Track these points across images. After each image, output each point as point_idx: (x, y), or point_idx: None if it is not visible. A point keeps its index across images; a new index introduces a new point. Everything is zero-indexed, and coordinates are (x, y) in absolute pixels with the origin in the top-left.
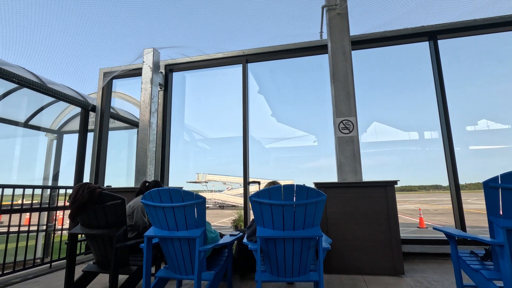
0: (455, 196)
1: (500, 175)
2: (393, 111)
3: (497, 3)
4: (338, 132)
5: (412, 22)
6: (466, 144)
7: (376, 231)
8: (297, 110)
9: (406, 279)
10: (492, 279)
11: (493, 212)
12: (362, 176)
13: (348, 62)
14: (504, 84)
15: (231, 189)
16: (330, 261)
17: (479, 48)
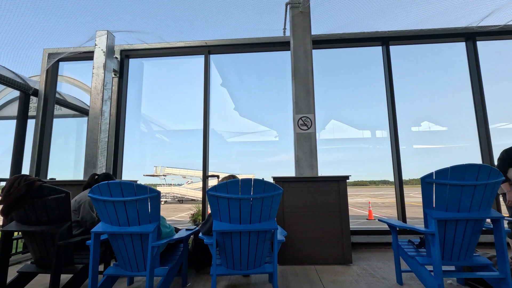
0: (399, 191)
1: (435, 172)
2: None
3: (441, 16)
4: (297, 128)
5: (368, 27)
6: (411, 143)
7: (329, 223)
8: (260, 105)
9: (353, 267)
10: (425, 264)
11: (427, 204)
12: (318, 171)
13: (309, 60)
14: (444, 91)
15: (191, 183)
16: (285, 253)
17: (424, 56)
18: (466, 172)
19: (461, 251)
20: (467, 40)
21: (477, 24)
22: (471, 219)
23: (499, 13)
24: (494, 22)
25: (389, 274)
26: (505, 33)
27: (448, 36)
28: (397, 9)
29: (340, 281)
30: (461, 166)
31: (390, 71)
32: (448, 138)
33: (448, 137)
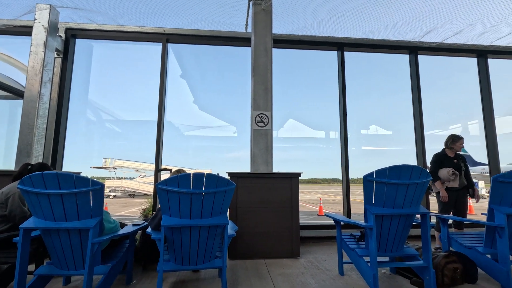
0: (345, 188)
1: (375, 171)
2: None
3: (390, 29)
4: (254, 125)
5: (326, 32)
6: (360, 145)
7: (280, 218)
8: (221, 100)
9: (301, 260)
10: (363, 256)
11: (368, 201)
12: (272, 167)
13: (269, 58)
14: (391, 98)
15: (144, 176)
16: (237, 247)
17: (376, 64)
18: (401, 172)
19: (394, 243)
20: (411, 53)
21: (419, 39)
22: (403, 215)
23: (436, 31)
24: (433, 39)
25: (333, 266)
26: (442, 50)
27: (395, 48)
28: (352, 18)
29: (287, 274)
30: (397, 167)
31: (343, 76)
32: (393, 141)
33: (392, 140)
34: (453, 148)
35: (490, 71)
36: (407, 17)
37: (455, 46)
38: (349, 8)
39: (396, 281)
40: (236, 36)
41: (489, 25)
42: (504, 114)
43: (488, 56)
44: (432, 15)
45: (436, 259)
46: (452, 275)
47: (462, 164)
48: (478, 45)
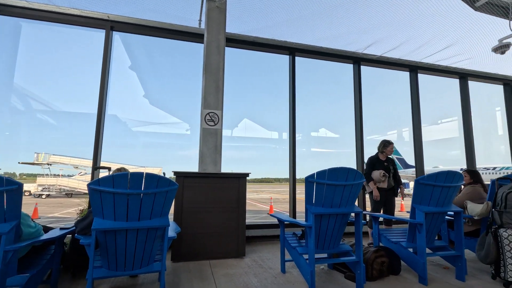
0: (292, 188)
1: (316, 172)
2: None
3: (338, 38)
4: (204, 123)
5: (279, 35)
6: (310, 146)
7: (227, 218)
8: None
9: (245, 259)
10: (303, 254)
11: (309, 201)
12: (221, 167)
13: (221, 56)
14: (339, 103)
15: (84, 174)
16: (180, 249)
17: (327, 71)
18: (339, 174)
19: (331, 241)
20: (355, 63)
21: (362, 51)
22: (340, 214)
23: (377, 45)
24: (374, 52)
25: (276, 264)
26: (381, 62)
27: (342, 57)
28: (304, 24)
29: (231, 274)
30: (336, 169)
31: (293, 80)
32: (339, 144)
33: (339, 143)
34: (384, 152)
35: (419, 84)
36: (353, 29)
37: (392, 60)
38: (300, 15)
39: (332, 276)
40: (189, 31)
41: (420, 44)
42: (430, 123)
43: (418, 71)
44: (374, 30)
45: (367, 254)
46: (380, 268)
47: (391, 167)
48: (410, 61)
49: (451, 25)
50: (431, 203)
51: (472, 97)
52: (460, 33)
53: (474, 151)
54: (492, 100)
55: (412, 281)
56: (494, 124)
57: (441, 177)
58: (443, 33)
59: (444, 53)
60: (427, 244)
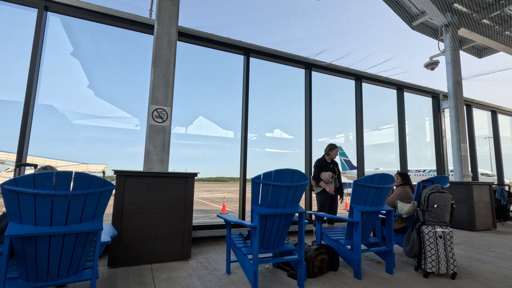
0: (242, 188)
1: (263, 174)
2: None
3: (292, 43)
4: (151, 120)
5: (234, 34)
6: (264, 147)
7: (172, 220)
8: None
9: (191, 262)
10: (248, 254)
11: (254, 201)
12: (168, 166)
13: (173, 50)
14: (294, 106)
15: (11, 170)
16: (118, 254)
17: (282, 74)
18: (284, 176)
19: (275, 241)
20: (306, 68)
21: (313, 57)
22: (285, 214)
23: (327, 52)
24: (324, 59)
25: (222, 265)
26: (331, 70)
27: (295, 62)
28: (259, 26)
29: (174, 278)
30: (281, 170)
31: (247, 80)
32: (293, 145)
33: (293, 144)
34: (330, 155)
35: (364, 93)
36: (305, 36)
37: (340, 68)
38: (257, 16)
39: (276, 275)
40: (138, 20)
41: (364, 55)
42: (373, 129)
43: (363, 80)
44: (325, 38)
45: (309, 252)
46: (320, 265)
47: (336, 169)
48: (356, 70)
49: (391, 40)
50: (367, 203)
51: (407, 107)
52: (398, 48)
53: (407, 155)
54: (423, 110)
55: (348, 276)
56: (424, 132)
57: (375, 179)
58: (384, 47)
59: (385, 66)
60: (363, 241)
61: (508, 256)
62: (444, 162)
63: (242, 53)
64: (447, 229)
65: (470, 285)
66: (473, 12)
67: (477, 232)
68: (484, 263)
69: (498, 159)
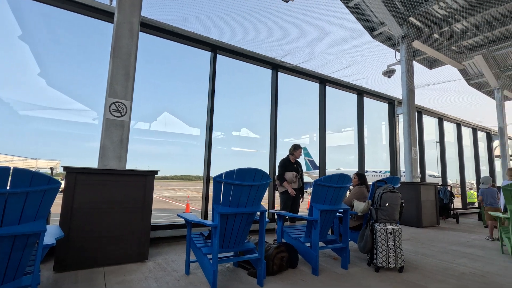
0: (205, 186)
1: (225, 172)
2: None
3: (259, 42)
4: (108, 114)
5: (202, 30)
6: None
7: (129, 220)
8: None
9: (148, 263)
10: (208, 254)
11: (216, 201)
12: (126, 163)
13: (134, 41)
14: (261, 107)
15: None
16: (66, 257)
17: (250, 73)
18: (246, 175)
19: (236, 240)
20: (273, 69)
21: (280, 58)
22: (246, 213)
23: (293, 55)
24: (290, 61)
25: (181, 266)
26: (297, 72)
27: (262, 62)
28: (228, 23)
29: (128, 281)
30: (243, 169)
31: (214, 77)
32: (260, 144)
33: (260, 143)
34: (294, 155)
35: (328, 95)
36: (273, 36)
37: (306, 71)
38: (226, 12)
39: (236, 274)
40: (96, 6)
41: (328, 60)
42: (336, 131)
43: (326, 84)
44: (292, 40)
45: (270, 251)
46: (280, 263)
47: (299, 169)
48: (320, 74)
49: (353, 47)
50: (326, 201)
51: (366, 111)
52: (359, 55)
53: (364, 156)
54: (380, 115)
55: (306, 272)
56: (380, 135)
57: (334, 179)
58: (347, 53)
59: (347, 71)
60: (321, 239)
61: (448, 250)
62: (397, 164)
63: (209, 49)
64: (397, 226)
65: (414, 277)
66: (426, 26)
67: (423, 228)
68: (428, 256)
69: (443, 162)
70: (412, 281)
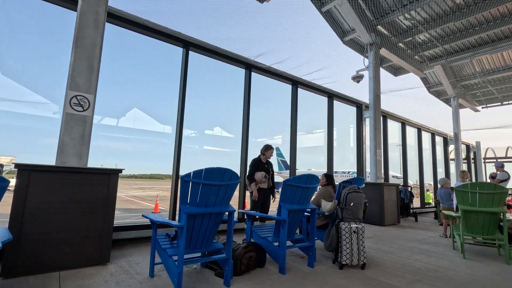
0: (174, 186)
1: (193, 172)
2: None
3: (232, 41)
4: (69, 107)
5: (173, 25)
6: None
7: (90, 220)
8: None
9: (109, 266)
10: (173, 255)
11: (183, 200)
12: (87, 161)
13: (99, 32)
14: (236, 106)
15: None
16: (17, 261)
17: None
18: (215, 174)
19: (204, 240)
20: (247, 68)
21: (253, 59)
22: (214, 213)
23: (266, 55)
24: (263, 61)
25: (145, 269)
26: (270, 72)
27: (235, 61)
28: (202, 20)
29: (86, 285)
30: (212, 169)
31: (186, 74)
32: (233, 144)
33: (233, 143)
34: (265, 155)
35: (301, 97)
36: (247, 36)
37: (279, 72)
38: (197, 8)
39: (203, 275)
40: None
41: (300, 62)
42: (307, 132)
43: (299, 86)
44: (265, 41)
45: (238, 250)
46: (247, 263)
47: (270, 169)
48: (293, 76)
49: (325, 51)
50: (294, 201)
51: (337, 114)
52: (329, 59)
53: (333, 158)
54: (349, 118)
55: (274, 271)
56: (349, 137)
57: (302, 179)
58: (318, 56)
59: (318, 74)
60: (289, 238)
61: (407, 247)
62: (363, 165)
63: (181, 45)
64: (360, 224)
65: (375, 273)
66: (392, 35)
67: (386, 226)
68: (389, 253)
69: (404, 164)
70: (373, 277)
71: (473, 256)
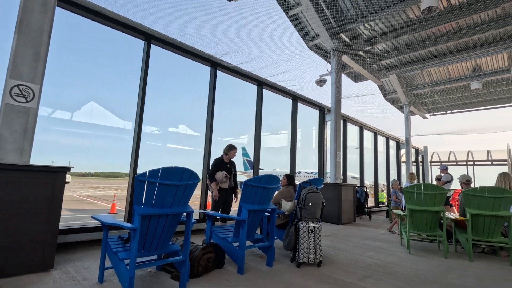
0: (131, 185)
1: (148, 171)
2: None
3: (198, 38)
4: (9, 98)
5: (134, 16)
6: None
7: (31, 223)
8: None
9: (53, 272)
10: (124, 259)
11: (137, 201)
12: (30, 157)
13: (48, 17)
14: (203, 104)
15: None
16: None
17: (187, 70)
18: (173, 174)
19: (159, 242)
20: (212, 66)
21: (219, 57)
22: (171, 214)
23: (232, 55)
24: (229, 60)
25: (94, 274)
26: (236, 72)
27: (200, 58)
28: (163, 12)
29: None
30: (169, 168)
31: (147, 68)
32: (200, 142)
33: (199, 141)
34: (228, 155)
35: (267, 98)
36: (212, 34)
37: (245, 72)
38: (162, 1)
39: (158, 278)
40: None
41: (266, 63)
42: (273, 132)
43: (264, 87)
44: (231, 40)
45: (196, 251)
46: (205, 264)
47: (232, 169)
48: (258, 76)
49: (289, 54)
50: (255, 201)
51: (301, 116)
52: (295, 62)
53: (296, 158)
54: (312, 121)
55: (232, 272)
56: (311, 139)
57: (263, 180)
58: (283, 59)
59: (283, 76)
60: (249, 238)
61: (360, 244)
62: (324, 166)
63: (142, 38)
64: (318, 224)
65: (330, 271)
66: (353, 44)
67: (343, 225)
68: (344, 251)
69: (361, 165)
70: (328, 274)
71: (418, 252)
